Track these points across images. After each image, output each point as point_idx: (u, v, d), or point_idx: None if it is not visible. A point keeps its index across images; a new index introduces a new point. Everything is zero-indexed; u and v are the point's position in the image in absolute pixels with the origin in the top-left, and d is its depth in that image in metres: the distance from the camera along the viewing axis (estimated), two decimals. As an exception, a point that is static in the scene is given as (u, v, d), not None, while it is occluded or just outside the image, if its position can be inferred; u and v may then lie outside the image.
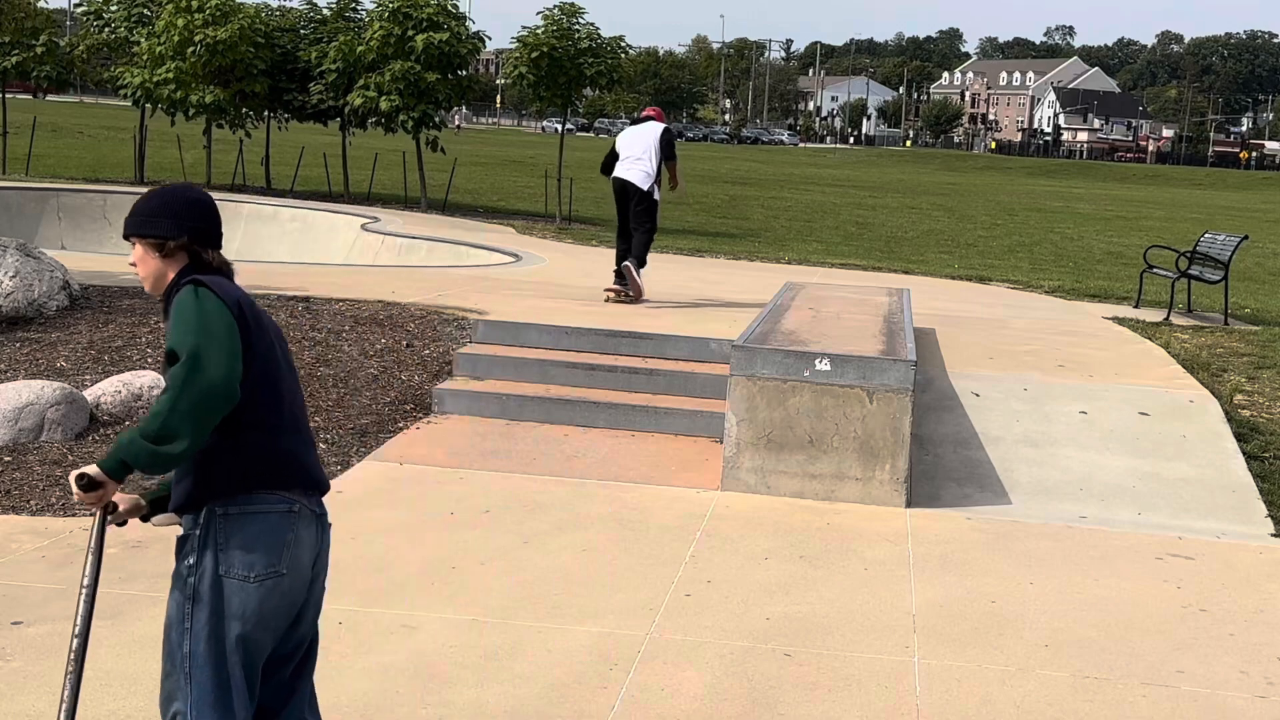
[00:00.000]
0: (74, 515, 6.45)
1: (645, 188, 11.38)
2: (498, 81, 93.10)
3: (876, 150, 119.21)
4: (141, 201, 3.40)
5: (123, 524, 3.56)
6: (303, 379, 8.89)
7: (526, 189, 32.93)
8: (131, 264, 3.41)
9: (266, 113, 24.27)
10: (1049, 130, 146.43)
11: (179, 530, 3.37)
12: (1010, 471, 7.99)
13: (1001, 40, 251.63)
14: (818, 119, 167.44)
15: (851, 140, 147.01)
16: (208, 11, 21.58)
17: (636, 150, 11.45)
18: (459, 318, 10.38)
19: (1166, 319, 13.15)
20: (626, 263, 11.48)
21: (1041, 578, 6.40)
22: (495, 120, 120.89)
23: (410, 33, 21.67)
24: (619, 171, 11.50)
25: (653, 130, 11.50)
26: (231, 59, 21.82)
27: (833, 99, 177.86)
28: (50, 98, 61.26)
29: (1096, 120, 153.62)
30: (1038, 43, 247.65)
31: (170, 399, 3.06)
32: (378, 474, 7.47)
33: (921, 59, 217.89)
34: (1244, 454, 8.29)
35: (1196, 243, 14.33)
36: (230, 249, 19.42)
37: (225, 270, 3.38)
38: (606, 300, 11.49)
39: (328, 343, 9.63)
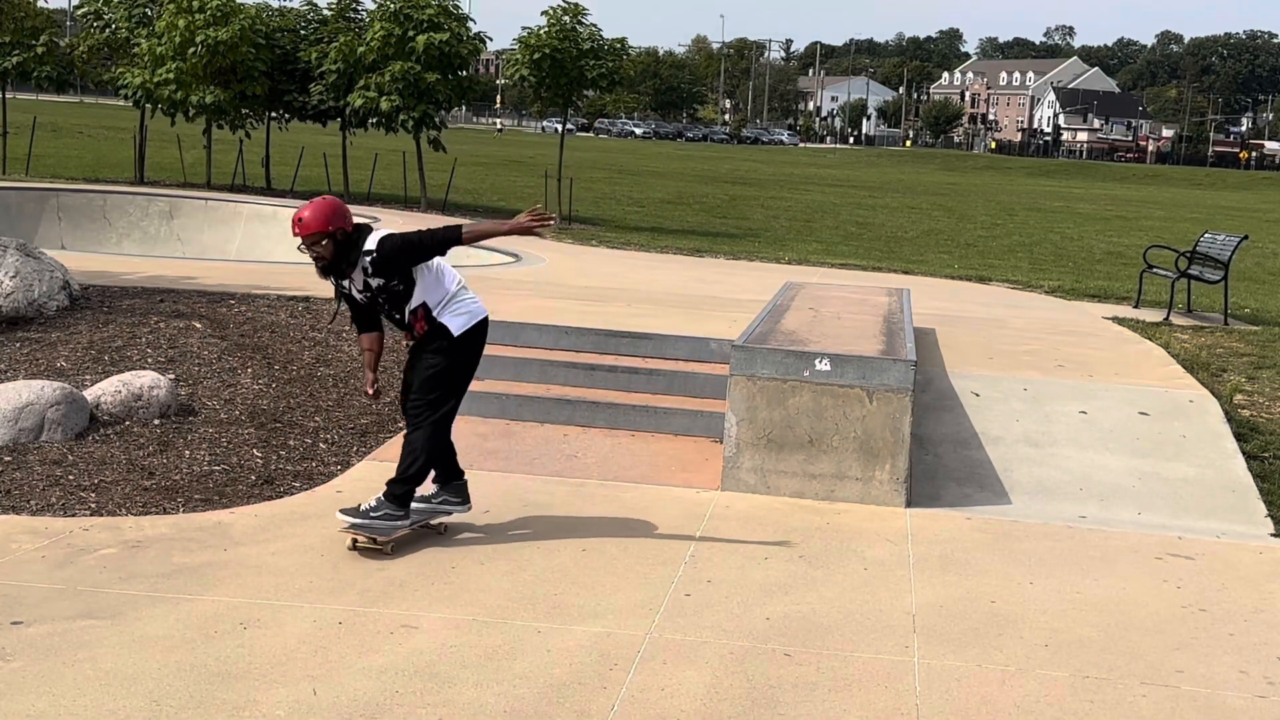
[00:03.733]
0: (74, 515, 6.45)
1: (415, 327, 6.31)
2: (498, 82, 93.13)
3: (876, 150, 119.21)
4: None
5: None
6: (303, 379, 8.89)
7: (526, 189, 32.93)
8: None
9: (267, 113, 24.27)
10: (1049, 130, 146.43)
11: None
12: (1010, 471, 7.99)
13: (1001, 40, 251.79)
14: (818, 119, 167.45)
15: (851, 140, 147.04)
16: (209, 12, 21.59)
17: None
18: (459, 318, 10.36)
19: (1166, 319, 13.15)
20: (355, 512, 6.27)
21: (1041, 578, 6.40)
22: (495, 120, 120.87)
23: (411, 33, 21.68)
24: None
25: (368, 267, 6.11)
26: (232, 60, 21.82)
27: (833, 99, 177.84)
28: (50, 98, 61.21)
29: (1096, 120, 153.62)
30: (1038, 43, 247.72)
31: None
32: (378, 474, 7.46)
33: (921, 59, 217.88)
34: (1244, 454, 8.29)
35: (1196, 243, 14.33)
36: (230, 249, 19.40)
37: None
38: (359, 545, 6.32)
39: (328, 343, 9.63)
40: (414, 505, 6.32)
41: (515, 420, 8.65)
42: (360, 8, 24.07)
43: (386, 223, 19.05)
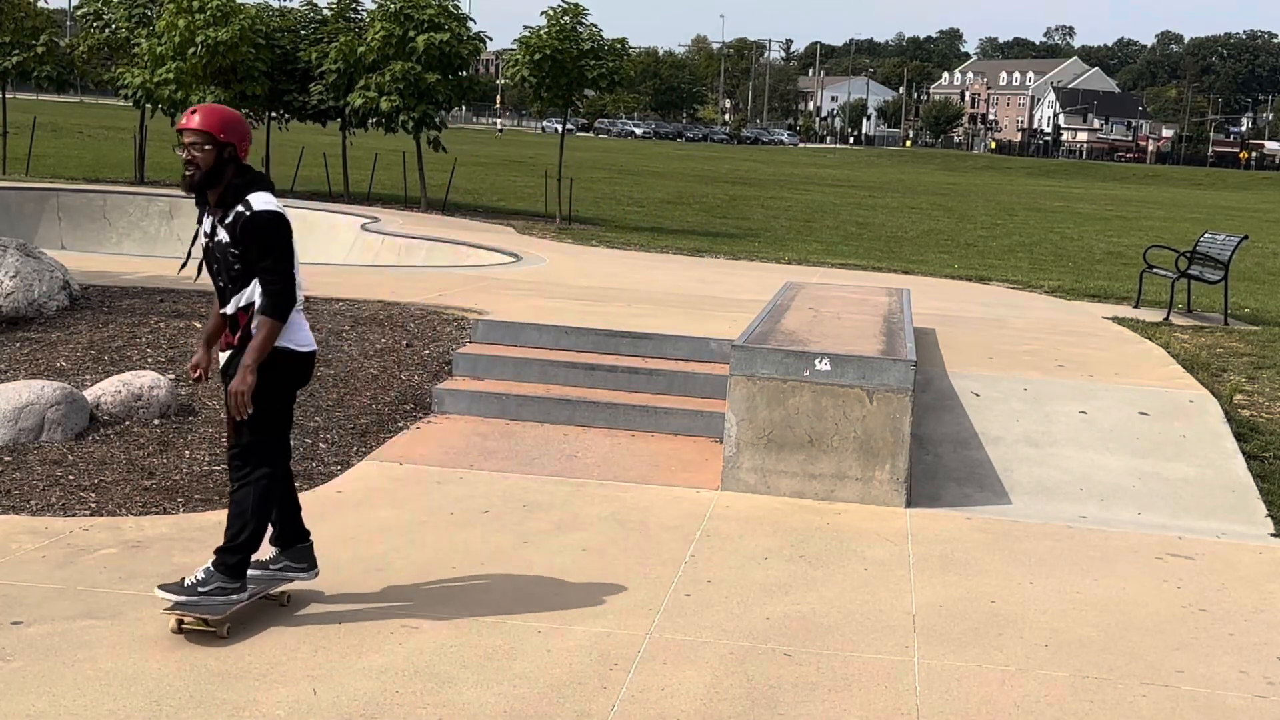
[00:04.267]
0: (74, 515, 6.45)
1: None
2: (498, 82, 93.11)
3: (876, 150, 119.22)
4: None
5: None
6: (303, 379, 8.89)
7: (526, 189, 32.94)
8: None
9: (267, 113, 24.28)
10: (1049, 130, 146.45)
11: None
12: (1010, 471, 7.99)
13: (1001, 40, 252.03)
14: (818, 119, 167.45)
15: (851, 140, 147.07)
16: (209, 12, 21.59)
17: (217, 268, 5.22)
18: (459, 318, 10.38)
19: (1166, 319, 13.15)
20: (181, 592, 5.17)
21: (1041, 578, 6.40)
22: (495, 120, 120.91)
23: (411, 33, 21.69)
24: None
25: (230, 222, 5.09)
26: (232, 60, 21.83)
27: (833, 99, 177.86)
28: (50, 98, 61.25)
29: (1096, 120, 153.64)
30: (1038, 43, 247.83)
31: None
32: (378, 474, 7.48)
33: (921, 59, 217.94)
34: (1244, 454, 8.29)
35: (1196, 243, 14.33)
36: (230, 249, 18.87)
37: None
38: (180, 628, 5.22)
39: (328, 343, 9.63)
40: (250, 573, 5.35)
41: (515, 420, 8.66)
42: (360, 8, 24.08)
43: (386, 222, 19.05)
